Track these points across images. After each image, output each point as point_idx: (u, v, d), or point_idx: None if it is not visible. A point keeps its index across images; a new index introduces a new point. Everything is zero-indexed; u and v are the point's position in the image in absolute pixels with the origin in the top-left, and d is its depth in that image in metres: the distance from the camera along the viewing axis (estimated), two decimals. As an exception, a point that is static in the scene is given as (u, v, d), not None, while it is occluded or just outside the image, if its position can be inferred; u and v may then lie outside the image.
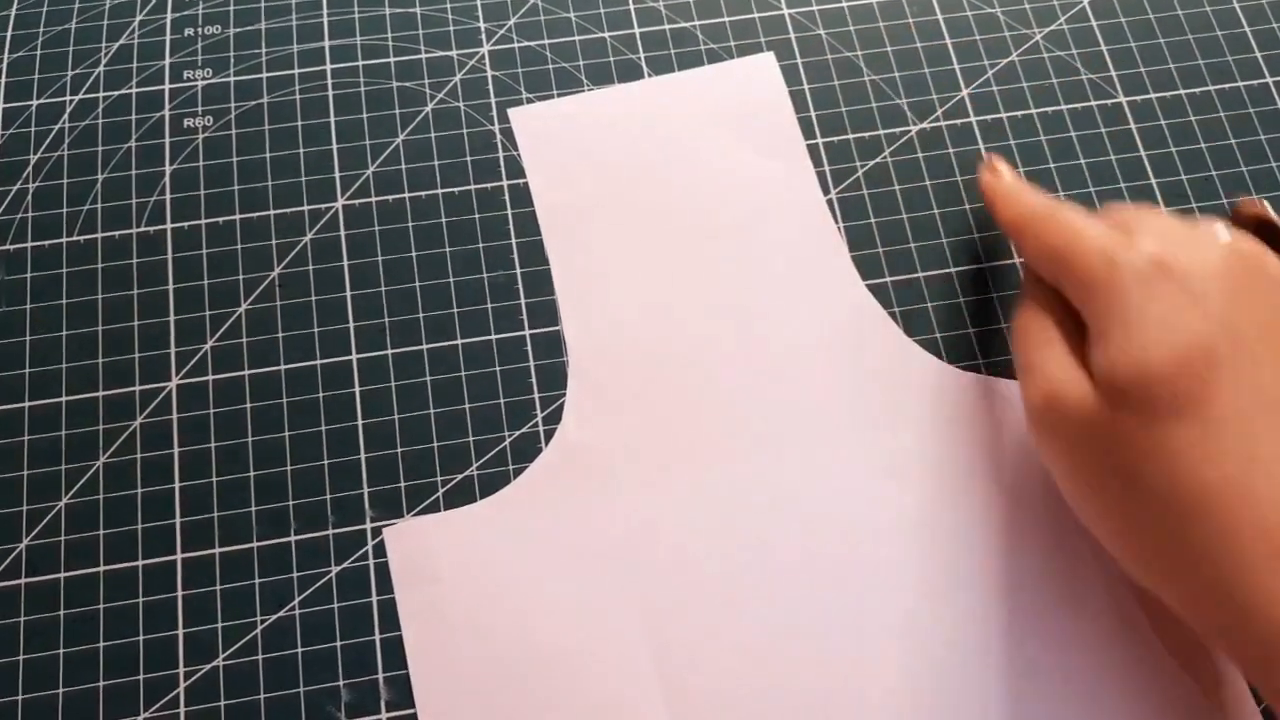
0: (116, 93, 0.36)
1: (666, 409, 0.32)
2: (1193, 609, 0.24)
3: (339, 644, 0.30)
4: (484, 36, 0.38)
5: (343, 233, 0.34)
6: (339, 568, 0.30)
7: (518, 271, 0.34)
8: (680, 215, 0.35)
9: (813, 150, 0.36)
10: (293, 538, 0.31)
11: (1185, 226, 0.26)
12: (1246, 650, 0.23)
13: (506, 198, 0.35)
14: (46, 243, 0.34)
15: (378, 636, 0.30)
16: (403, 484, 0.31)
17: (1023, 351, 0.28)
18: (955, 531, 0.31)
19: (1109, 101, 0.37)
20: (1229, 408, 0.23)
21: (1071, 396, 0.25)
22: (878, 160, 0.36)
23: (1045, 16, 0.39)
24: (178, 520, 0.31)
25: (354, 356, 0.33)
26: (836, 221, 0.35)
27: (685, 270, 0.34)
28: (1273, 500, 0.22)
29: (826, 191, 0.35)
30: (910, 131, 0.37)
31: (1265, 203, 0.29)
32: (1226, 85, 0.38)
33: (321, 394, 0.32)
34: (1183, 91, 0.37)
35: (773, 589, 0.30)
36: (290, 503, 0.31)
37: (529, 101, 0.37)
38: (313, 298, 0.34)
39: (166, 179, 0.35)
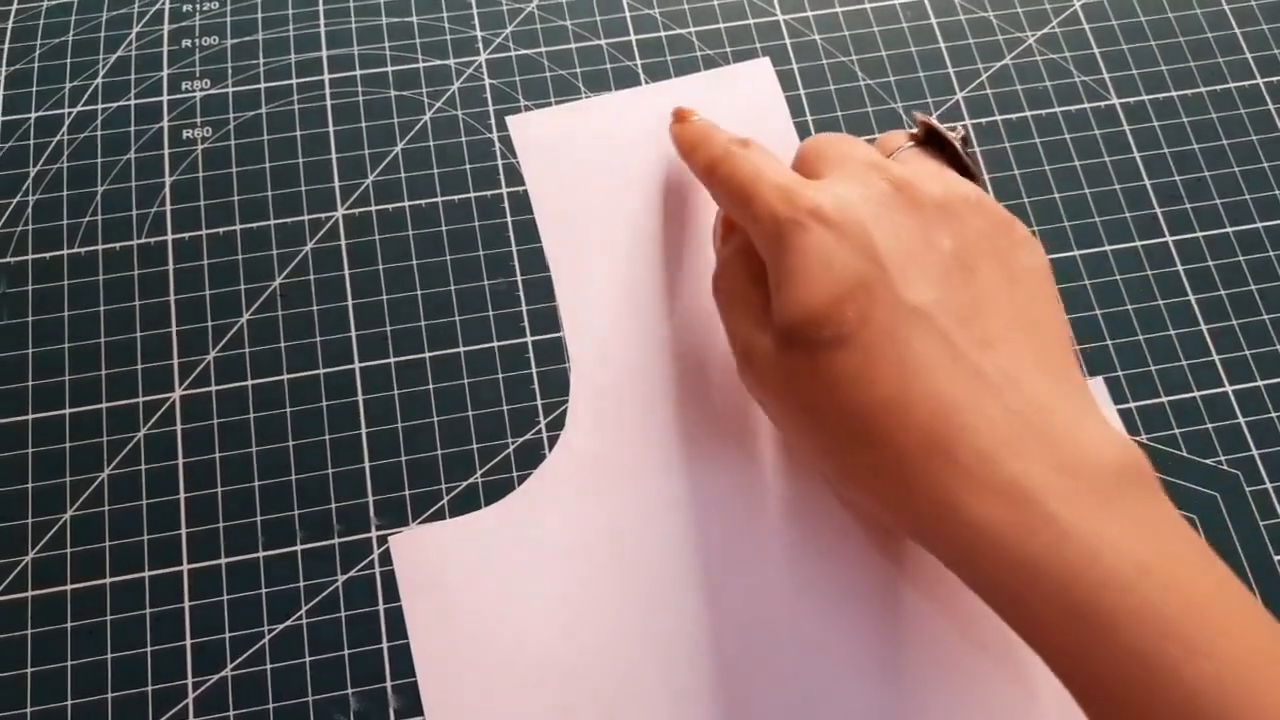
0: (115, 104, 0.36)
1: (669, 413, 0.32)
2: (884, 512, 0.26)
3: (347, 652, 0.30)
4: (481, 45, 0.38)
5: (343, 242, 0.35)
6: (345, 576, 0.30)
7: (518, 278, 0.34)
8: (679, 220, 0.35)
9: (810, 155, 0.36)
10: (299, 547, 0.31)
11: (856, 162, 0.28)
12: (930, 540, 0.25)
13: (506, 205, 0.35)
14: (47, 255, 0.34)
15: (385, 645, 0.30)
16: (407, 492, 0.31)
17: (721, 310, 0.30)
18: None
19: (1102, 104, 0.38)
20: (882, 332, 0.25)
21: (756, 348, 0.27)
22: (874, 164, 0.36)
23: (1038, 20, 0.39)
24: (183, 531, 0.31)
25: (356, 365, 0.33)
26: (834, 225, 0.35)
27: (685, 275, 0.34)
28: (922, 407, 0.24)
29: (824, 196, 0.36)
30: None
31: (933, 118, 0.31)
32: (1218, 87, 0.38)
33: (325, 403, 0.32)
34: (1175, 93, 0.38)
35: (778, 592, 0.30)
36: (295, 512, 0.31)
37: (527, 109, 0.37)
38: (314, 307, 0.34)
39: (166, 190, 0.35)
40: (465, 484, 0.32)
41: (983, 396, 0.24)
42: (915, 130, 0.30)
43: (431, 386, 0.33)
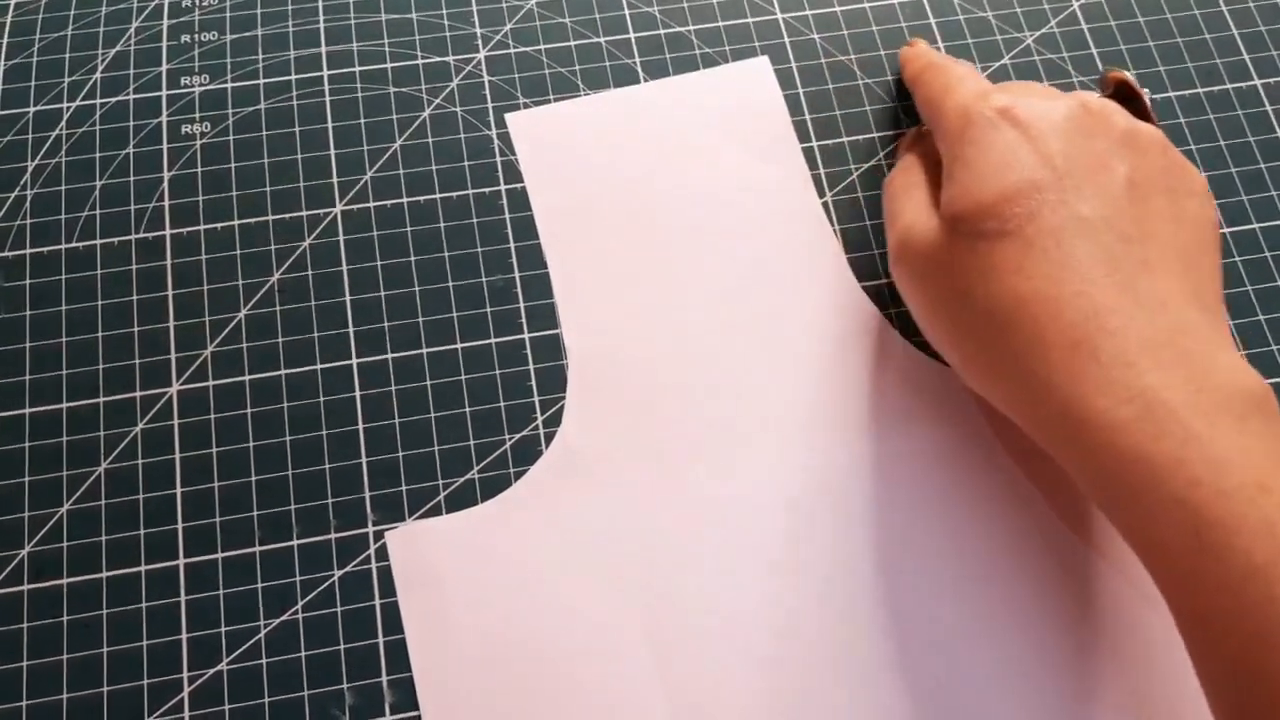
0: (114, 99, 0.36)
1: (665, 411, 0.32)
2: (1013, 405, 0.27)
3: (342, 647, 0.30)
4: (480, 42, 0.38)
5: (341, 238, 0.35)
6: (341, 571, 0.31)
7: (516, 275, 0.34)
8: (677, 218, 0.35)
9: (807, 153, 0.36)
10: (295, 542, 0.31)
11: (1050, 91, 0.29)
12: (1053, 436, 0.26)
13: (504, 202, 0.35)
14: (45, 249, 0.34)
15: (381, 639, 0.30)
16: (404, 487, 0.31)
17: (890, 202, 0.32)
18: (953, 531, 0.31)
19: (1100, 104, 0.38)
20: (1045, 230, 0.26)
21: (919, 232, 0.29)
22: (873, 163, 0.36)
23: (1036, 20, 0.39)
24: (180, 525, 0.31)
25: (354, 361, 0.33)
26: (832, 224, 0.35)
27: (682, 273, 0.34)
28: (1074, 306, 0.25)
29: (822, 194, 0.36)
30: (905, 135, 0.37)
31: (1128, 73, 0.32)
32: (1216, 88, 0.38)
33: (322, 398, 0.32)
34: (1173, 94, 0.38)
35: (772, 589, 0.30)
36: (292, 507, 0.31)
37: (525, 106, 0.37)
38: (312, 302, 0.34)
39: (165, 185, 0.35)
40: (462, 480, 0.32)
41: (1133, 309, 0.25)
42: (1106, 88, 0.33)
43: (429, 382, 0.33)
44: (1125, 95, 0.32)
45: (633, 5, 0.39)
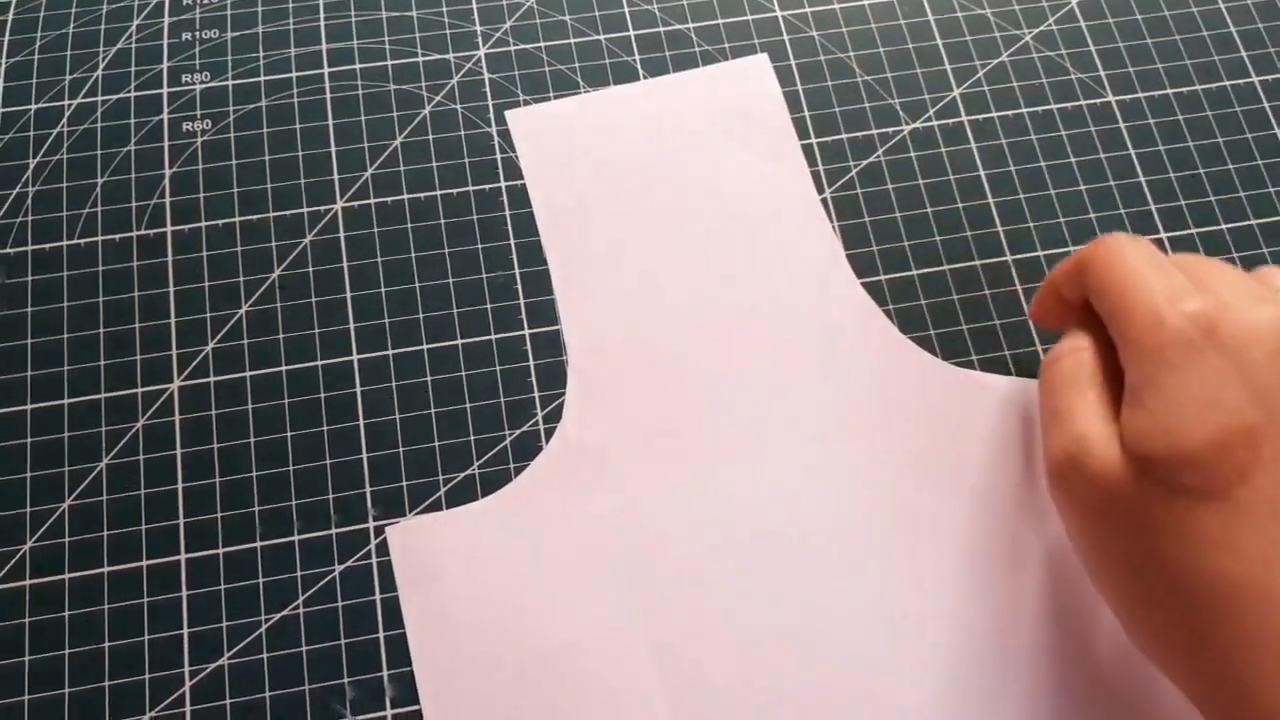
0: (115, 96, 0.37)
1: (665, 407, 0.33)
2: (1205, 705, 0.23)
3: (343, 642, 0.30)
4: (480, 39, 0.38)
5: (342, 234, 0.35)
6: (342, 566, 0.31)
7: (516, 272, 0.34)
8: (676, 215, 0.35)
9: (807, 150, 0.36)
10: (296, 537, 0.31)
11: (1246, 280, 0.25)
12: None
13: (504, 199, 0.36)
14: (47, 246, 0.34)
15: (381, 634, 0.30)
16: (404, 483, 0.32)
17: (1052, 394, 0.26)
18: (949, 527, 0.31)
19: (1098, 101, 0.38)
20: (1262, 498, 0.22)
21: (1096, 455, 0.24)
22: (871, 160, 0.37)
23: (1034, 17, 0.39)
24: (181, 521, 0.31)
25: (355, 357, 0.33)
26: (831, 220, 0.35)
27: (682, 269, 0.34)
28: None
29: (821, 191, 0.36)
30: (903, 131, 0.37)
31: None
32: (1213, 84, 0.38)
33: (323, 394, 0.33)
34: (1170, 91, 0.38)
35: (771, 585, 0.30)
36: (293, 502, 0.31)
37: (526, 103, 0.37)
38: (313, 299, 0.34)
39: (166, 182, 0.35)
40: (462, 475, 0.32)
41: None
42: None
43: (429, 378, 0.33)
44: None
45: (632, 3, 0.39)
